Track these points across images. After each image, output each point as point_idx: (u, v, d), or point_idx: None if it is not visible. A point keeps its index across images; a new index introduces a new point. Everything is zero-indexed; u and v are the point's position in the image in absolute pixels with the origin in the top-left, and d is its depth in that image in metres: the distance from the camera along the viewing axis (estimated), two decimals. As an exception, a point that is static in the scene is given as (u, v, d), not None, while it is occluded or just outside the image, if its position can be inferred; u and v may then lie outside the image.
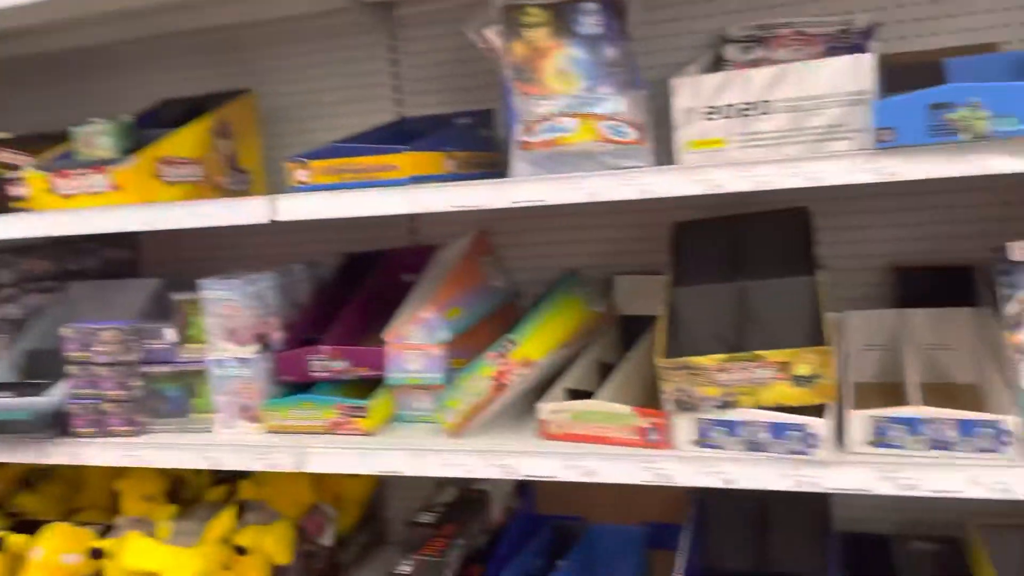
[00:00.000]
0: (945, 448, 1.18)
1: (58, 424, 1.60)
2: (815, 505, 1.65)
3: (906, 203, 1.65)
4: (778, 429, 1.24)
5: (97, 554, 1.61)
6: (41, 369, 1.71)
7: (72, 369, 1.59)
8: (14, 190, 1.70)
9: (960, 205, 1.61)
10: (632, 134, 1.31)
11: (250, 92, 1.97)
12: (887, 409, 1.21)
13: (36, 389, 1.63)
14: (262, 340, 1.60)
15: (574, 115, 1.31)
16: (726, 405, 1.27)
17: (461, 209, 1.35)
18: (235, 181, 1.90)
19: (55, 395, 1.61)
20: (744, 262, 1.49)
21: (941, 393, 1.41)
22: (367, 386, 1.59)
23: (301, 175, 1.47)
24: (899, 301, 1.60)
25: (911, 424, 1.19)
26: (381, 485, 2.08)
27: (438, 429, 1.51)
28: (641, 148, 1.32)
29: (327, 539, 1.81)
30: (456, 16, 1.86)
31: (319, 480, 1.86)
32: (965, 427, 1.17)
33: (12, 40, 2.11)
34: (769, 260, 1.47)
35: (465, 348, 1.59)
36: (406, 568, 1.53)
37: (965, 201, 1.61)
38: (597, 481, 1.35)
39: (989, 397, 1.31)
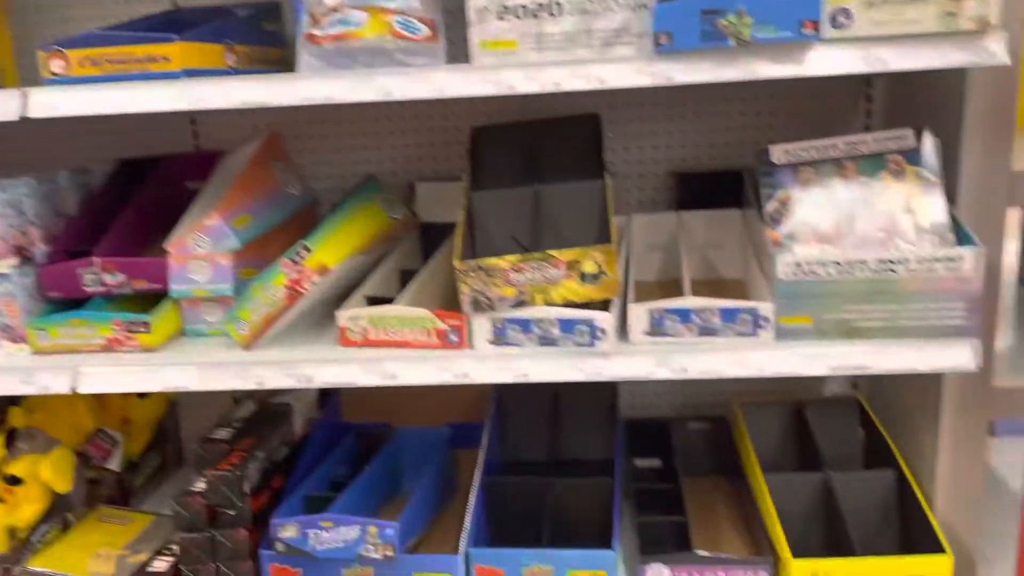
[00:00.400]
0: (712, 334, 1.29)
1: None
2: (603, 395, 1.77)
3: (687, 111, 1.74)
4: (568, 325, 1.30)
5: None
6: None
7: None
8: None
9: (735, 112, 1.73)
10: (424, 31, 1.27)
11: (-10, -30, 1.70)
12: (662, 301, 1.30)
13: None
14: (22, 253, 1.44)
15: (364, 8, 1.25)
16: (520, 304, 1.31)
17: (243, 106, 1.26)
18: (-22, 74, 1.66)
19: None
20: (539, 167, 1.52)
21: (711, 288, 1.54)
22: (149, 302, 1.48)
23: (56, 66, 1.31)
24: (678, 204, 1.71)
25: (683, 314, 1.30)
26: (174, 406, 1.98)
27: (230, 342, 1.45)
28: (434, 46, 1.28)
29: (114, 464, 1.71)
30: None
31: (102, 403, 1.73)
32: (728, 314, 1.28)
33: None
34: (562, 165, 1.51)
35: (257, 257, 1.52)
36: (201, 485, 1.48)
37: (739, 109, 1.73)
38: (398, 384, 1.36)
39: (751, 289, 1.45)
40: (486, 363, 1.33)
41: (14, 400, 1.65)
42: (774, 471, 1.50)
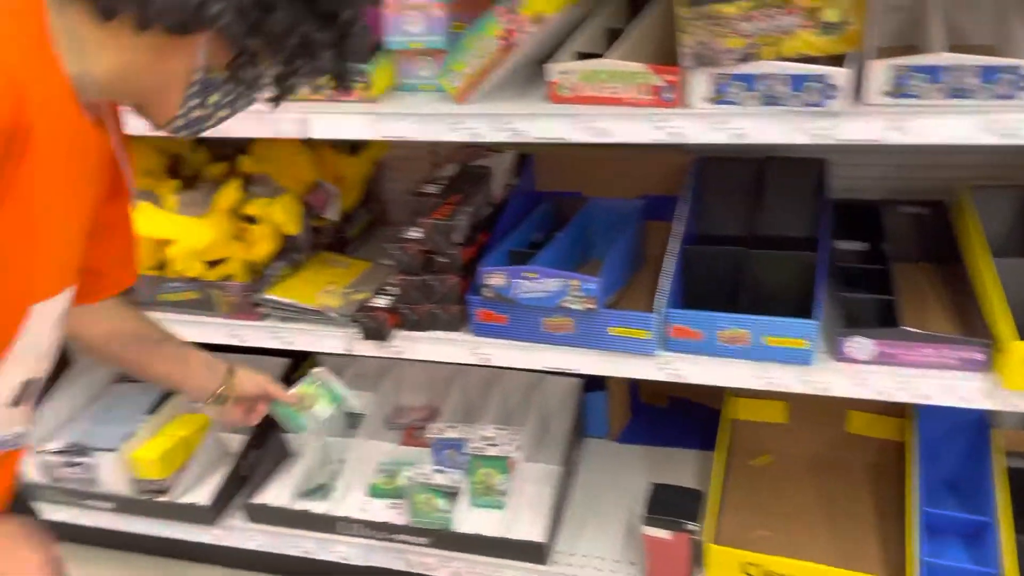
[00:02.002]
0: (963, 96, 1.17)
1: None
2: (810, 172, 1.69)
3: None
4: (797, 81, 1.22)
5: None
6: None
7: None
8: None
9: None
10: None
11: None
12: (908, 57, 1.18)
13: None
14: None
15: None
16: (747, 58, 1.24)
17: None
18: None
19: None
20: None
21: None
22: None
23: None
24: (928, -43, 1.50)
25: (932, 72, 1.18)
26: (380, 167, 2.08)
27: (442, 96, 1.47)
28: None
29: (332, 214, 1.84)
30: None
31: (320, 159, 1.85)
32: (987, 73, 1.15)
33: None
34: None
35: (465, 10, 1.50)
36: (416, 233, 1.58)
37: None
38: (608, 141, 1.35)
39: (1006, 54, 1.29)
40: (702, 121, 1.29)
41: (242, 150, 1.80)
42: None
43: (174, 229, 1.60)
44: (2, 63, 0.72)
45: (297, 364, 2.11)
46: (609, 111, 1.35)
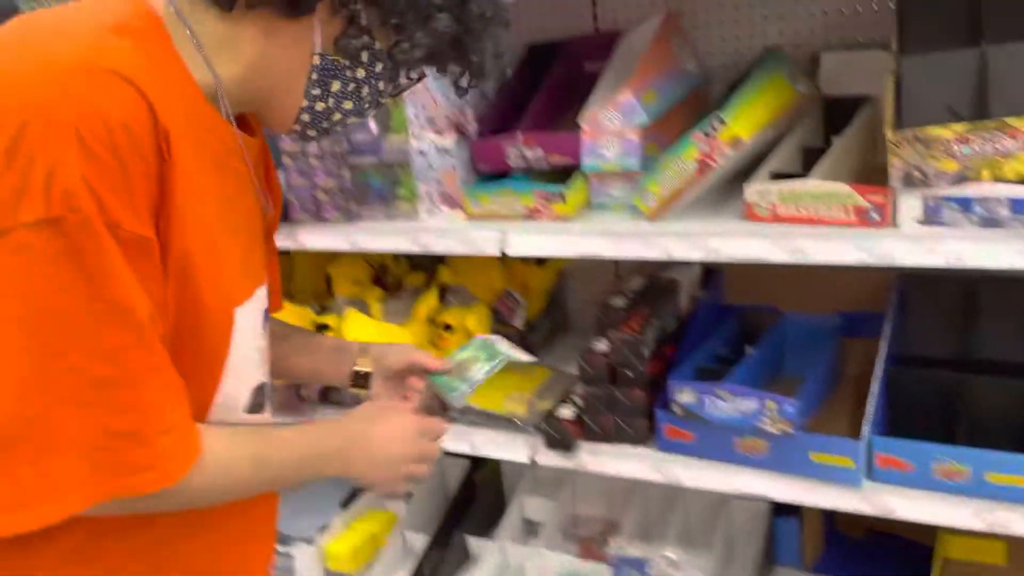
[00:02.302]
0: None
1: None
2: (1034, 293, 1.56)
3: None
4: (1020, 204, 1.15)
5: (322, 328, 1.78)
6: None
7: (287, 161, 1.68)
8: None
9: None
10: None
11: None
12: None
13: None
14: (459, 130, 1.62)
15: None
16: (962, 180, 1.19)
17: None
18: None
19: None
20: (983, 23, 1.33)
21: None
22: (559, 178, 1.59)
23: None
24: None
25: None
26: (563, 278, 2.14)
27: (635, 215, 1.51)
28: None
29: (518, 322, 1.91)
30: None
31: (509, 270, 1.94)
32: None
33: None
34: (1013, 19, 1.30)
35: (659, 134, 1.55)
36: (602, 345, 1.59)
37: None
38: (807, 262, 1.32)
39: None
40: (912, 243, 1.24)
41: (441, 260, 1.92)
42: None
43: (378, 335, 1.72)
44: (126, 75, 0.75)
45: (476, 465, 2.16)
46: (809, 231, 1.33)
